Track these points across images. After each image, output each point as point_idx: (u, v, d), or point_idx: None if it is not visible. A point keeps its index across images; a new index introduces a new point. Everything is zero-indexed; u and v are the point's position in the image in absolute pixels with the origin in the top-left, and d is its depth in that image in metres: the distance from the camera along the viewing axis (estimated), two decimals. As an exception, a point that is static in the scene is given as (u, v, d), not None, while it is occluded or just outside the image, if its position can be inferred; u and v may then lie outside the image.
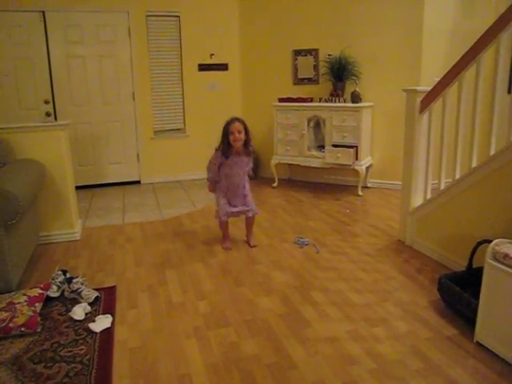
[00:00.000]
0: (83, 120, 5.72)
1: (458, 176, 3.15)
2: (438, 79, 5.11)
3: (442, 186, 3.33)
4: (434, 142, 3.47)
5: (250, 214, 3.71)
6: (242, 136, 3.49)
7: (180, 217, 4.56)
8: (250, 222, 3.78)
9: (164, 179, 6.15)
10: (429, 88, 3.44)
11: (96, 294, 2.80)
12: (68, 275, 2.93)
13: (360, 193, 5.23)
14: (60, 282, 2.86)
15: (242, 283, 3.06)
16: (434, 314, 2.62)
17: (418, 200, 3.65)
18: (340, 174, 5.72)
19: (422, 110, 3.46)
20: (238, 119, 3.54)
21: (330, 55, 5.44)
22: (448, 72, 3.17)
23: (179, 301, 2.83)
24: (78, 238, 3.97)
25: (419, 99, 3.46)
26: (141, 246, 3.78)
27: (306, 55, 5.70)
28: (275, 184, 5.72)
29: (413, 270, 3.24)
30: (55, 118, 5.58)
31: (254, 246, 3.72)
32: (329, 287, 2.99)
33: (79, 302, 2.74)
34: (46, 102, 5.52)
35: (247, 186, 3.73)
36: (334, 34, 5.48)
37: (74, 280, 2.82)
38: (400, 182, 5.31)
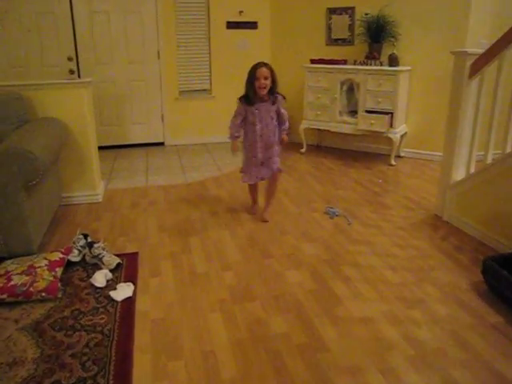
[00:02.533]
0: (107, 78, 5.54)
1: (509, 149, 2.89)
2: (484, 41, 4.78)
3: (490, 159, 3.08)
4: (482, 111, 3.19)
5: (275, 168, 3.42)
6: (268, 82, 3.25)
7: (205, 181, 4.41)
8: (272, 181, 3.48)
9: (189, 141, 5.97)
10: (480, 50, 3.13)
11: (118, 260, 2.69)
12: (89, 239, 2.82)
13: (393, 162, 4.97)
14: (81, 247, 2.76)
15: (270, 254, 2.91)
16: (476, 298, 2.43)
17: (459, 173, 3.40)
18: (372, 141, 5.45)
19: (472, 75, 3.16)
20: (265, 64, 3.28)
21: (367, 14, 5.08)
22: (510, 30, 2.83)
23: (203, 271, 2.71)
24: (100, 200, 3.86)
25: (469, 63, 3.16)
26: (164, 211, 3.65)
27: (341, 14, 5.35)
28: (303, 150, 5.49)
29: (451, 248, 3.03)
30: (79, 76, 5.41)
31: (265, 221, 3.43)
32: (361, 262, 2.81)
33: (101, 268, 2.64)
34: (70, 59, 5.31)
35: (276, 146, 3.43)
36: (372, -9, 5.10)
37: (96, 245, 2.71)
38: (436, 153, 5.12)
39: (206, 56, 5.84)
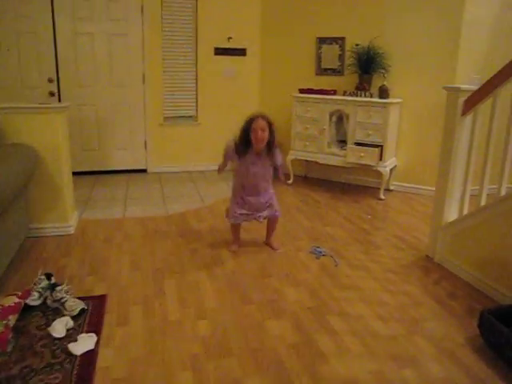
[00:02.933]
0: (89, 102, 5.35)
1: (504, 191, 2.73)
2: (477, 76, 4.69)
3: (483, 200, 2.91)
4: (476, 148, 3.04)
5: (269, 214, 3.34)
6: (266, 135, 3.06)
7: (186, 213, 4.19)
8: (271, 224, 3.43)
9: (172, 169, 5.77)
10: (473, 87, 3.00)
11: (82, 305, 2.44)
12: (53, 280, 2.58)
13: (382, 196, 4.81)
14: (42, 288, 2.51)
15: (250, 300, 2.68)
16: (473, 356, 2.21)
17: (452, 213, 3.24)
18: (360, 174, 5.30)
19: (465, 112, 3.02)
20: (262, 116, 3.10)
21: (357, 45, 4.99)
22: (505, 67, 2.70)
23: (177, 318, 2.47)
24: (71, 233, 3.62)
25: (462, 99, 3.02)
26: (140, 247, 3.41)
27: (331, 43, 5.25)
28: (290, 181, 5.32)
29: (444, 294, 2.83)
30: (59, 98, 5.22)
31: (278, 250, 3.40)
32: (349, 311, 2.60)
33: (62, 314, 2.39)
34: (50, 81, 5.16)
35: (270, 190, 3.34)
36: (362, 22, 5.02)
37: (58, 288, 2.47)
38: (426, 187, 4.99)
39: (192, 82, 5.69)
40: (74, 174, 5.10)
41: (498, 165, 2.78)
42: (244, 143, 3.10)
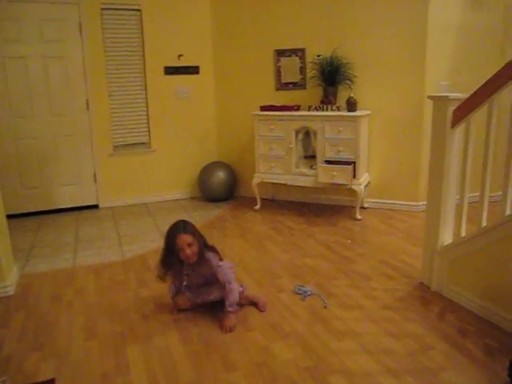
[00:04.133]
0: (26, 134, 4.76)
1: (509, 210, 2.41)
2: (445, 83, 4.48)
3: (485, 220, 2.60)
4: (470, 163, 2.74)
5: (230, 309, 2.62)
6: (195, 249, 2.59)
7: (145, 255, 3.68)
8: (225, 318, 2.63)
9: (127, 202, 5.23)
10: (462, 95, 2.70)
11: (22, 402, 1.91)
12: (-17, 369, 2.02)
13: (358, 216, 4.47)
14: (-31, 383, 1.96)
15: (234, 365, 2.22)
16: (512, 417, 1.85)
17: (447, 235, 2.91)
18: (332, 193, 4.96)
19: (455, 123, 2.71)
20: (183, 227, 2.62)
21: (319, 56, 4.69)
22: (502, 69, 2.40)
23: (146, 404, 1.97)
24: (10, 293, 3.04)
25: (451, 109, 2.71)
26: (94, 305, 2.88)
27: (290, 56, 4.92)
28: (257, 206, 4.90)
29: (453, 331, 2.47)
30: (-9, 133, 4.61)
31: (227, 331, 2.54)
32: (352, 368, 2.18)
33: (-4, 416, 1.85)
34: (-21, 113, 4.54)
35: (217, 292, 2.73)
36: (323, 32, 4.72)
37: (-11, 382, 1.92)
38: (401, 202, 4.70)
39: (142, 105, 5.20)
40: (14, 216, 4.56)
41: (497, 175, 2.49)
42: (174, 260, 2.65)
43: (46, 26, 4.63)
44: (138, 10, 4.97)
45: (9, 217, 3.36)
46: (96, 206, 5.14)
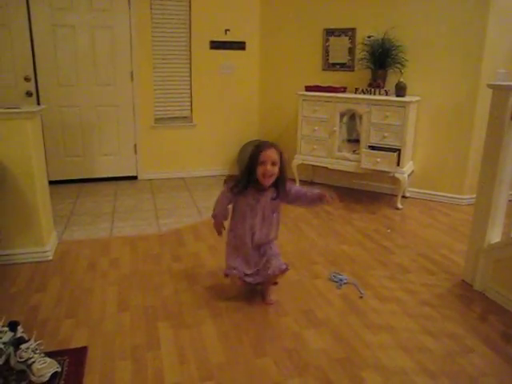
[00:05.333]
0: (71, 103, 4.80)
1: None
2: (503, 70, 4.22)
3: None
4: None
5: (270, 272, 2.54)
6: (276, 170, 2.44)
7: (181, 230, 3.67)
8: (270, 280, 2.62)
9: (165, 175, 5.24)
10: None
11: (54, 368, 1.93)
12: (19, 331, 2.05)
13: (399, 205, 4.32)
14: (4, 344, 1.99)
15: (264, 351, 2.18)
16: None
17: (496, 233, 2.75)
18: (374, 179, 4.80)
19: (516, 115, 2.53)
20: (274, 145, 2.46)
21: (370, 37, 4.49)
22: None
23: (174, 381, 1.96)
24: (49, 258, 3.09)
25: (512, 99, 2.53)
26: (128, 276, 2.89)
27: (339, 35, 4.74)
28: (296, 188, 4.80)
29: (496, 335, 2.35)
30: (37, 99, 4.67)
31: (270, 304, 2.59)
32: (386, 364, 2.10)
33: (29, 378, 1.88)
34: (27, 80, 4.60)
35: (274, 247, 2.64)
36: (375, 12, 4.51)
37: (24, 346, 1.95)
38: (445, 194, 4.51)
39: (186, 79, 5.15)
40: (56, 182, 4.64)
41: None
42: (247, 178, 2.47)
43: (96, -6, 4.62)
44: (188, -18, 4.89)
45: (50, 183, 3.40)
46: (135, 178, 5.18)
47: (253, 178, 2.45)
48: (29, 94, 4.62)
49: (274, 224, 2.62)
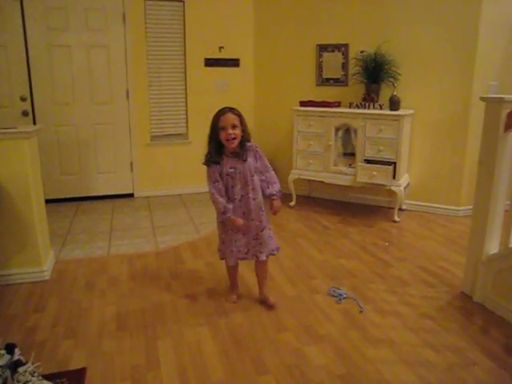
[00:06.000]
0: (67, 121, 4.81)
1: None
2: (495, 83, 4.27)
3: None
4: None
5: (264, 257, 2.68)
6: (238, 132, 2.52)
7: (179, 248, 3.66)
8: (262, 269, 2.74)
9: (161, 192, 5.25)
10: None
11: (53, 390, 1.91)
12: (16, 354, 2.03)
13: (396, 218, 4.33)
14: (1, 367, 1.96)
15: (266, 367, 2.16)
16: None
17: (494, 243, 2.76)
18: (370, 192, 4.82)
19: (509, 127, 2.56)
20: (230, 109, 2.57)
21: (362, 52, 4.54)
22: None
23: (175, 401, 1.94)
24: (46, 278, 3.07)
25: (505, 111, 2.56)
26: (126, 295, 2.88)
27: (333, 51, 4.80)
28: (293, 203, 4.82)
29: (498, 347, 2.34)
30: (33, 119, 4.68)
31: (272, 307, 2.68)
32: (388, 378, 2.09)
33: (28, 402, 1.85)
34: (23, 99, 4.62)
35: (263, 218, 2.66)
36: (367, 27, 4.57)
37: (21, 368, 1.92)
38: (442, 206, 4.53)
39: (181, 96, 5.19)
40: (52, 201, 4.63)
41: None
42: (215, 146, 2.54)
43: (91, 15, 4.66)
44: (182, 1, 4.94)
45: (47, 201, 3.39)
46: (131, 195, 5.18)
47: (219, 144, 2.53)
48: (25, 113, 4.64)
49: (258, 189, 2.64)
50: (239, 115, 2.56)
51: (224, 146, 2.55)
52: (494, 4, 4.09)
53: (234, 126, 2.50)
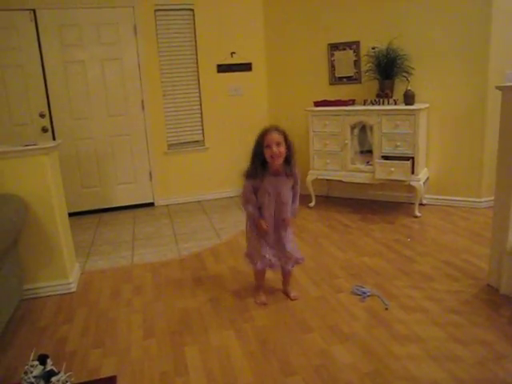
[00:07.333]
0: (85, 135, 4.91)
1: None
2: (512, 72, 4.20)
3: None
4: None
5: (290, 267, 2.83)
6: (282, 150, 2.59)
7: (201, 254, 3.69)
8: (287, 273, 2.89)
9: (181, 200, 5.30)
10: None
11: (85, 398, 1.95)
12: (48, 364, 2.08)
13: (417, 213, 4.29)
14: (35, 378, 2.01)
15: (293, 368, 2.17)
16: None
17: (519, 235, 2.72)
18: (389, 189, 4.79)
19: (527, 115, 2.52)
20: (276, 128, 2.65)
21: (374, 48, 4.52)
22: None
23: (205, 405, 1.96)
24: (73, 290, 3.14)
25: (522, 99, 2.53)
26: (152, 302, 2.92)
27: (344, 49, 4.79)
28: (312, 203, 4.82)
29: (528, 339, 2.31)
30: (53, 134, 4.79)
31: (296, 299, 2.83)
32: (418, 375, 2.07)
33: (62, 411, 1.90)
34: (42, 116, 4.73)
35: (289, 229, 2.81)
36: (377, 23, 4.56)
37: (54, 379, 1.97)
38: (462, 198, 4.47)
39: (196, 104, 5.24)
40: (74, 214, 4.72)
41: None
42: (260, 163, 2.64)
43: (103, 30, 4.75)
44: (191, 10, 5.00)
45: (69, 215, 3.46)
46: (152, 204, 5.24)
47: (264, 162, 2.61)
48: (44, 129, 4.74)
49: (289, 205, 2.74)
50: (283, 134, 2.63)
51: (267, 165, 2.64)
52: (506, -9, 4.04)
53: (278, 144, 2.57)
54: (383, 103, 4.37)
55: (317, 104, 4.71)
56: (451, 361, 2.16)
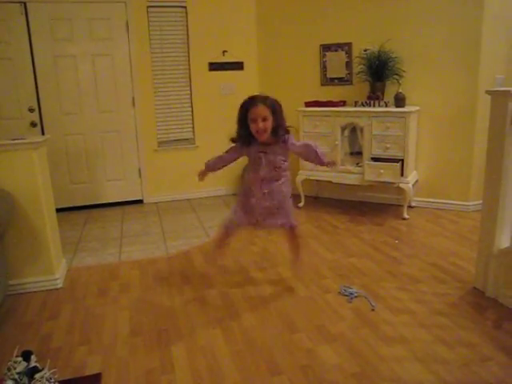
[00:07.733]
0: (75, 130, 4.87)
1: None
2: (501, 76, 4.25)
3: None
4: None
5: (286, 226, 2.87)
6: (268, 125, 2.50)
7: (190, 252, 3.68)
8: (290, 237, 2.96)
9: (170, 198, 5.28)
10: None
11: (69, 396, 1.93)
12: (32, 361, 2.05)
13: (406, 215, 4.31)
14: (19, 375, 1.99)
15: (279, 368, 2.17)
16: None
17: (506, 237, 2.75)
18: (378, 190, 4.81)
19: (516, 120, 2.55)
20: (262, 100, 2.51)
21: (366, 50, 4.54)
22: None
23: (190, 404, 1.95)
24: (59, 286, 3.10)
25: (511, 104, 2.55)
26: (138, 300, 2.90)
27: (336, 50, 4.80)
28: (301, 204, 4.82)
29: (512, 342, 2.33)
30: (42, 129, 4.74)
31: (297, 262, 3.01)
32: (403, 376, 2.08)
33: (45, 409, 1.87)
34: (31, 110, 4.68)
35: (288, 201, 2.80)
36: (370, 26, 4.58)
37: (38, 375, 1.95)
38: (451, 201, 4.51)
39: (187, 102, 5.22)
40: (63, 210, 4.67)
41: None
42: (245, 134, 2.59)
43: (95, 25, 4.71)
44: (184, 7, 4.98)
45: (57, 210, 3.43)
46: (141, 201, 5.21)
47: (250, 133, 2.56)
48: (33, 124, 4.69)
49: (285, 179, 2.73)
50: (271, 106, 2.51)
51: (253, 137, 2.61)
52: (498, -3, 4.08)
53: (264, 119, 2.48)
54: (374, 105, 4.39)
55: (308, 104, 4.71)
56: (437, 362, 2.18)
